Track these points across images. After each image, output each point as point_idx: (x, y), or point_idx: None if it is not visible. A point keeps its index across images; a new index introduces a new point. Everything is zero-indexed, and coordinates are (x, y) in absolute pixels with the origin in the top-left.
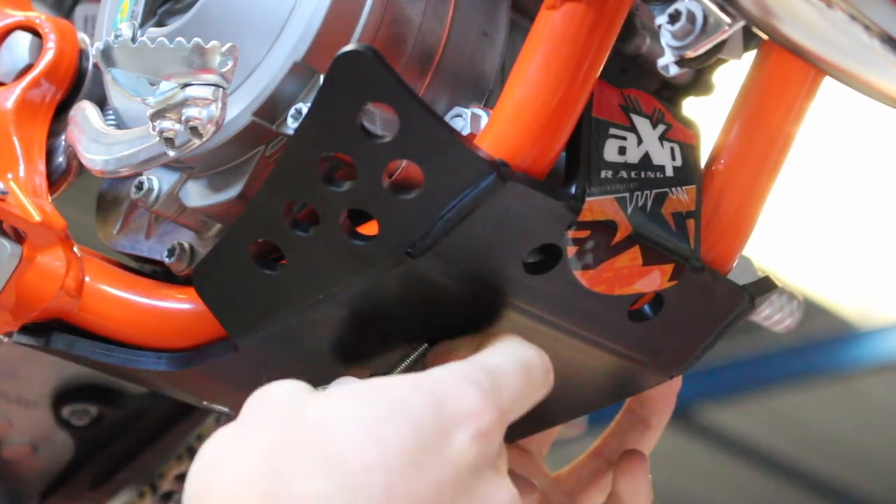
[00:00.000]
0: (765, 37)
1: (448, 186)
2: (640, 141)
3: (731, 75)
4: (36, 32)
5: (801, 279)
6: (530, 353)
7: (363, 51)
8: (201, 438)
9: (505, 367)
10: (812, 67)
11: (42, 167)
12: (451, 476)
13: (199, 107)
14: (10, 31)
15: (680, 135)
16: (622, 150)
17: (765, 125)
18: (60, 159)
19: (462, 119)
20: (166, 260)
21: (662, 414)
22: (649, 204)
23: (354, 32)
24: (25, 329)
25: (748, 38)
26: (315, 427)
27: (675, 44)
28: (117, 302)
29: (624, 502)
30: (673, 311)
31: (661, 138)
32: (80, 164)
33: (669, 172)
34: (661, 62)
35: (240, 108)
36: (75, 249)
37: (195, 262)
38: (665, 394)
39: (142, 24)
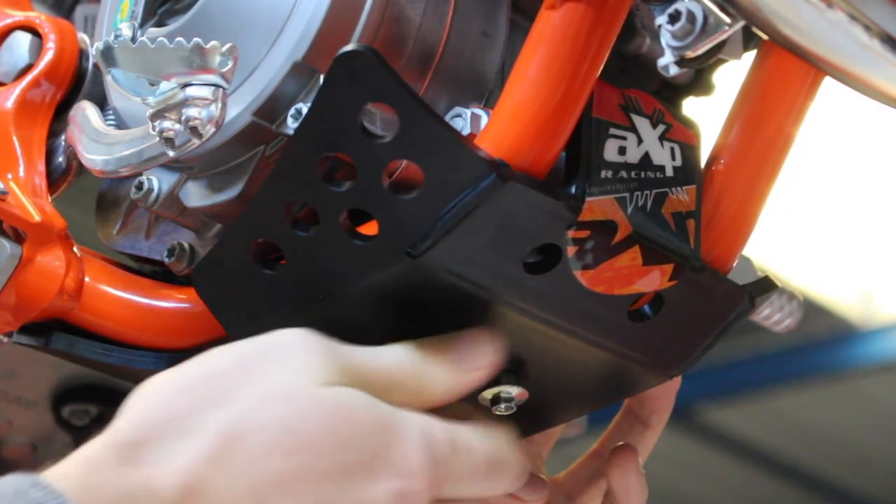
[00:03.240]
0: (765, 37)
1: (448, 186)
2: (640, 141)
3: (732, 75)
4: (36, 32)
5: (801, 279)
6: (512, 458)
7: (363, 51)
8: None
9: (474, 452)
10: (812, 67)
11: (42, 167)
12: None
13: (198, 107)
14: (10, 31)
15: (680, 135)
16: (622, 150)
17: (765, 125)
18: (60, 159)
19: (462, 119)
20: (166, 260)
21: (662, 413)
22: (649, 204)
23: (354, 32)
24: (25, 329)
25: (748, 38)
26: (259, 402)
27: (675, 44)
28: (117, 302)
29: (616, 497)
30: (673, 311)
31: (661, 138)
32: (80, 164)
33: (669, 172)
34: (661, 62)
35: (240, 108)
36: (75, 249)
37: (195, 262)
38: (664, 393)
39: (142, 24)
